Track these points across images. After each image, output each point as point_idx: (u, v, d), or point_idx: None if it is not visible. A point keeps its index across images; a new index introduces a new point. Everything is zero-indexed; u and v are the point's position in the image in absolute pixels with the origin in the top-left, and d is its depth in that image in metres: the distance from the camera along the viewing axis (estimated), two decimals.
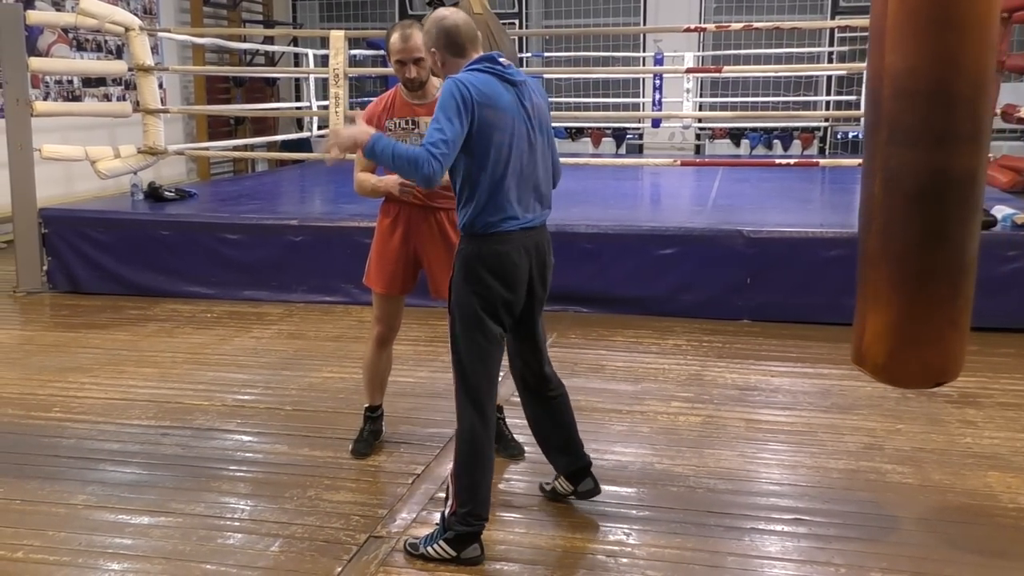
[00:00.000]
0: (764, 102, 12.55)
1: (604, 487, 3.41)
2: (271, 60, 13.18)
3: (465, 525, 2.86)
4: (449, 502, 2.90)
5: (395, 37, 3.38)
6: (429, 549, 2.89)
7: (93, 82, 10.18)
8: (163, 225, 6.70)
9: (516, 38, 11.29)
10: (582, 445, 3.27)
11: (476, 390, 2.89)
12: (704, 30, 10.70)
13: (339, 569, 2.86)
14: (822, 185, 9.26)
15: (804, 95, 12.58)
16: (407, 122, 3.48)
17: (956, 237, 2.71)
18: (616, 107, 13.07)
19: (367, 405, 3.83)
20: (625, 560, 2.92)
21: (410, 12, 13.42)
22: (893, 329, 2.80)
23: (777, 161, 9.38)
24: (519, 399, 3.26)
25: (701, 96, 12.76)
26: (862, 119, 3.41)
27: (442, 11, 2.91)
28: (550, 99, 14.14)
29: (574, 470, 3.24)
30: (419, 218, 3.54)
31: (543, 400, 3.20)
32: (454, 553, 2.86)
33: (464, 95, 2.72)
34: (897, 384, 3.10)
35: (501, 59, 2.86)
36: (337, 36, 7.21)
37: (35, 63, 6.99)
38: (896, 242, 2.72)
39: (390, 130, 3.49)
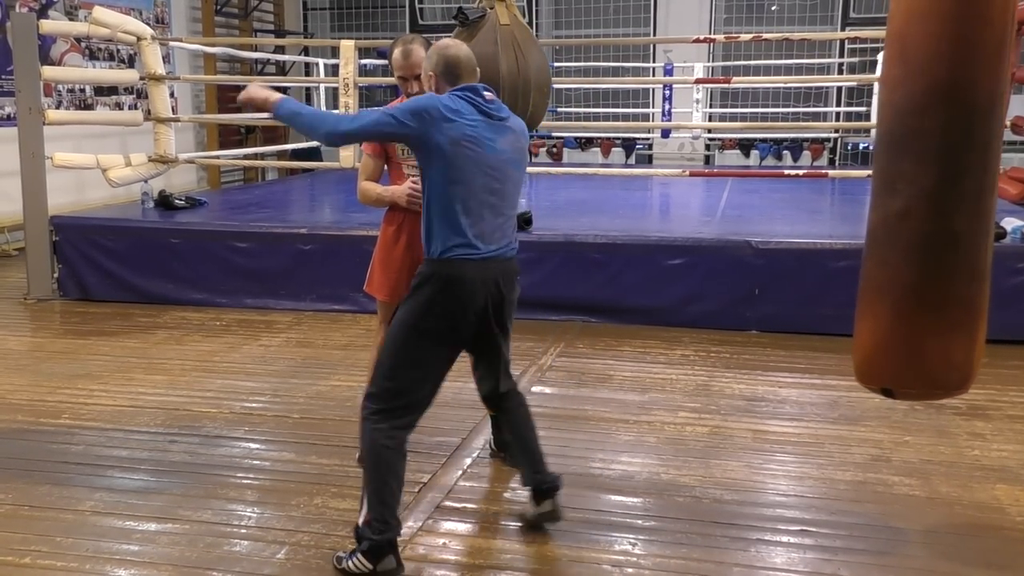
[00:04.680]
0: (774, 113, 12.54)
1: (610, 497, 3.43)
2: (282, 69, 13.24)
3: (376, 534, 2.80)
4: (363, 512, 2.85)
5: (397, 53, 3.39)
6: (349, 563, 2.83)
7: (105, 91, 10.25)
8: (173, 233, 6.73)
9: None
10: (543, 463, 3.18)
11: (395, 399, 2.88)
12: (714, 41, 10.69)
13: None
14: (831, 196, 9.25)
15: (814, 106, 12.58)
16: None
17: None
18: (626, 117, 13.09)
19: None
20: (630, 570, 2.92)
21: (420, 22, 13.47)
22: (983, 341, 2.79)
23: (786, 172, 9.37)
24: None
25: (711, 107, 12.76)
26: (874, 131, 3.30)
27: (447, 41, 3.04)
28: (560, 109, 14.01)
29: (535, 489, 3.16)
30: None
31: (503, 413, 3.24)
32: (370, 566, 2.80)
33: (430, 108, 2.80)
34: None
35: (486, 92, 2.93)
36: (347, 46, 7.25)
37: (48, 72, 7.04)
38: (990, 253, 2.71)
39: None
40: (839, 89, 12.54)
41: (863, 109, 11.96)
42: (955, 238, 2.62)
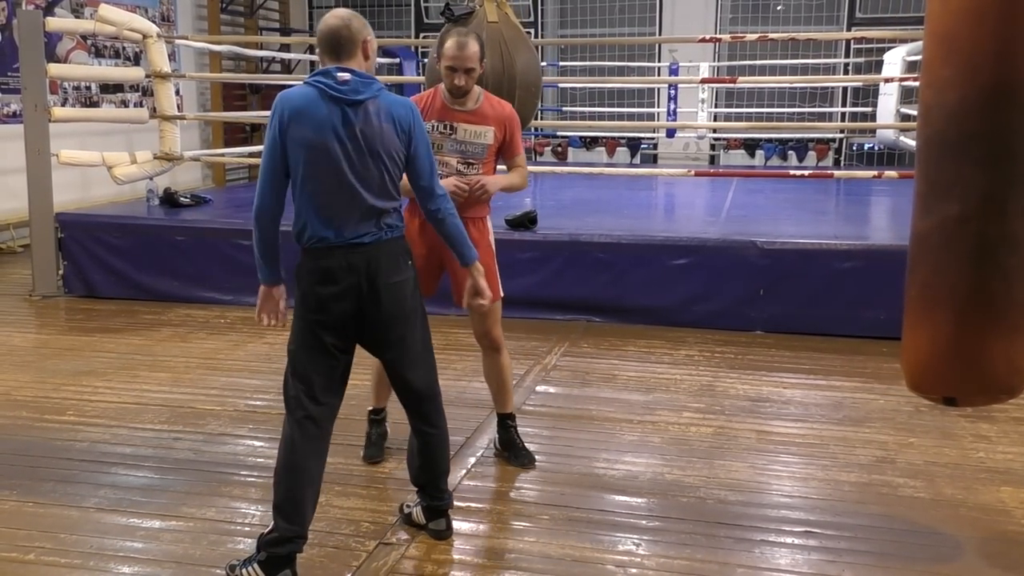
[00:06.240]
0: (779, 113, 12.53)
1: (614, 497, 3.43)
2: (287, 67, 13.24)
3: (277, 545, 2.74)
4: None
5: (451, 43, 3.34)
6: (242, 572, 2.76)
7: (111, 88, 10.26)
8: (178, 231, 6.74)
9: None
10: (446, 485, 3.16)
11: (296, 400, 2.87)
12: (719, 40, 10.70)
13: (348, 575, 2.86)
14: (837, 197, 9.24)
15: (819, 106, 12.56)
16: (445, 126, 3.46)
17: None
18: (631, 117, 13.09)
19: (371, 408, 3.85)
20: (634, 571, 2.91)
21: (426, 21, 13.47)
22: None
23: (792, 172, 9.35)
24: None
25: (716, 106, 12.76)
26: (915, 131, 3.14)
27: (334, 12, 2.85)
28: (565, 108, 13.89)
29: (432, 507, 3.13)
30: None
31: (419, 431, 3.14)
32: None
33: (280, 117, 2.75)
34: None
35: (339, 74, 2.74)
36: None
37: (54, 69, 7.04)
38: None
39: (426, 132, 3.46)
40: (844, 89, 12.52)
41: (869, 109, 11.94)
42: (1016, 241, 2.55)
